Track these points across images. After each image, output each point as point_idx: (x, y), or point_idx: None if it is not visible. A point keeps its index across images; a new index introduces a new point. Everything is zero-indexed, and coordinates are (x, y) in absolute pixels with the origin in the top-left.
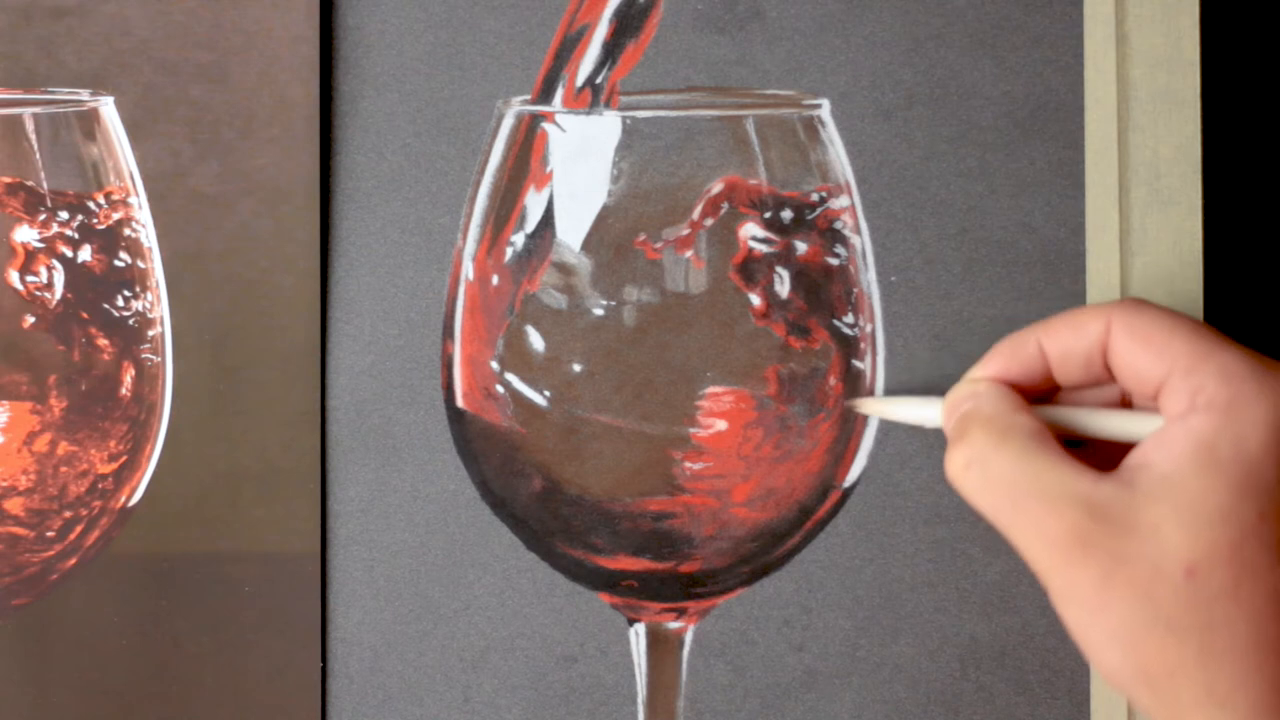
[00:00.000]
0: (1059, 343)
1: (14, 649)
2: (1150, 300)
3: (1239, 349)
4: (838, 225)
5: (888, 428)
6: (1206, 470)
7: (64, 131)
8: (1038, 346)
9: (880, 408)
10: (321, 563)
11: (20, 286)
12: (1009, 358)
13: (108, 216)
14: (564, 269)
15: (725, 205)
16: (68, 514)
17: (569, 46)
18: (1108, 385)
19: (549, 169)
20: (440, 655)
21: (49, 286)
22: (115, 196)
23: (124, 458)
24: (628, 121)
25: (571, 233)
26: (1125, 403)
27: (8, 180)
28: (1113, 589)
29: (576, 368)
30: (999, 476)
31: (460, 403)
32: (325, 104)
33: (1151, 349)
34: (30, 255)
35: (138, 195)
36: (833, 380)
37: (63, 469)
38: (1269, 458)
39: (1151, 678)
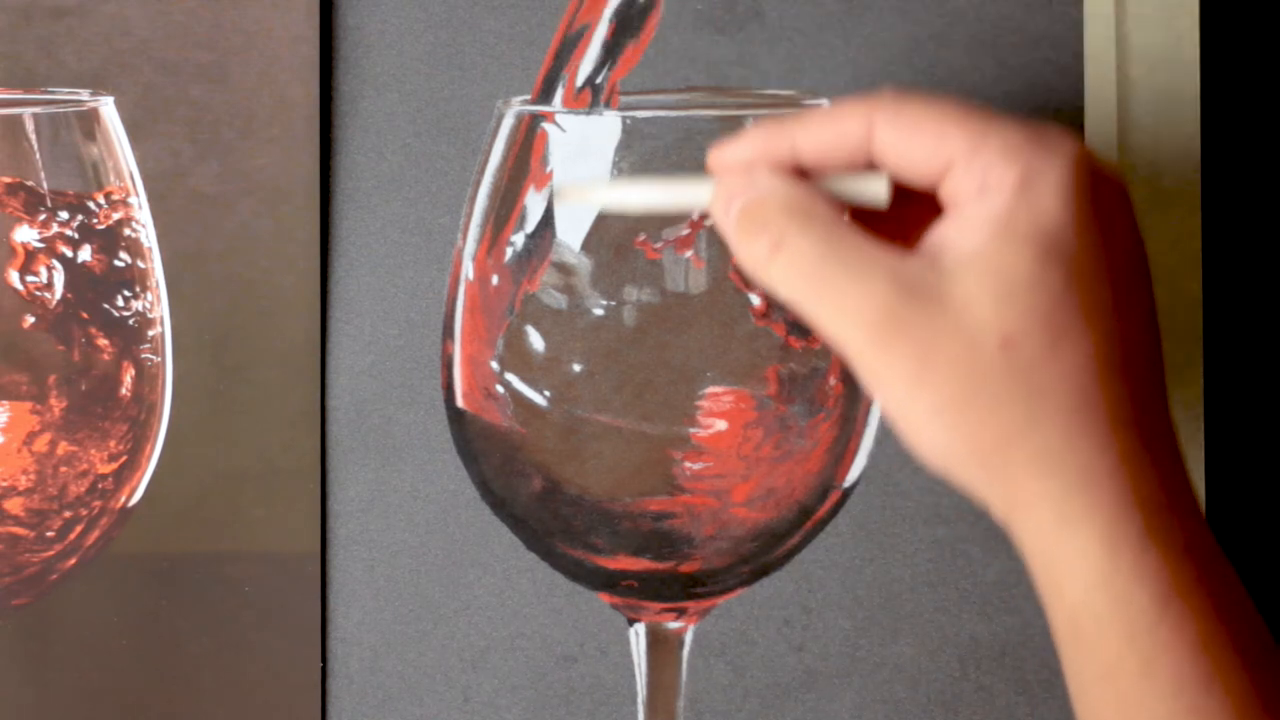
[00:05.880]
0: (817, 144)
1: (14, 649)
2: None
3: (1013, 123)
4: None
5: (888, 428)
6: (1010, 244)
7: (64, 131)
8: (792, 149)
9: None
10: (321, 563)
11: (20, 286)
12: (764, 157)
13: (108, 216)
14: (564, 269)
15: None
16: (68, 514)
17: (569, 46)
18: None
19: (549, 169)
20: (440, 655)
21: (49, 286)
22: (115, 196)
23: (124, 458)
24: (628, 121)
25: (571, 233)
26: (898, 189)
27: (8, 180)
28: (932, 368)
29: (576, 368)
30: (807, 258)
31: (460, 403)
32: (325, 104)
33: (927, 138)
34: (30, 255)
35: (138, 195)
36: (833, 380)
37: (63, 469)
38: (1068, 225)
39: (981, 451)
